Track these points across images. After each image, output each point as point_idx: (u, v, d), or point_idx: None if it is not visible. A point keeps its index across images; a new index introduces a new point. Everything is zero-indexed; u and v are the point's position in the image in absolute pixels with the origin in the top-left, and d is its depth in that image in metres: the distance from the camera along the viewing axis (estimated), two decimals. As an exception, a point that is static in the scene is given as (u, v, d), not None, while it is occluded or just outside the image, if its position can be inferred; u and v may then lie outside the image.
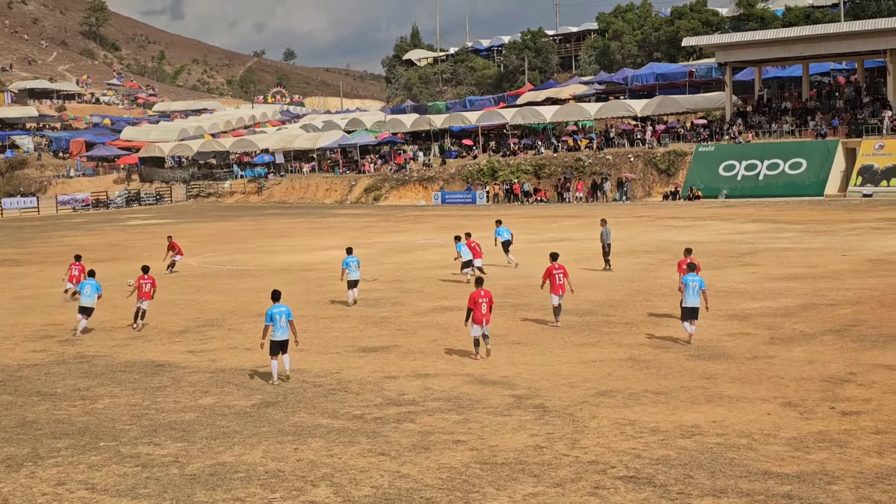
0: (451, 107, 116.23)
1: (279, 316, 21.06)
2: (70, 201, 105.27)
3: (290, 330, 21.15)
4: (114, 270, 43.38)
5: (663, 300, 29.35)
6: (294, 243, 53.62)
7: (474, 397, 18.66)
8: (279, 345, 20.99)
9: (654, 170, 78.52)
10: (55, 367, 23.34)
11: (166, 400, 19.51)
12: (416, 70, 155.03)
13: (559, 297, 26.41)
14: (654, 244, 44.33)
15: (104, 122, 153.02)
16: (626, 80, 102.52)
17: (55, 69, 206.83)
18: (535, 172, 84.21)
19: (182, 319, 29.78)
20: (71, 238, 64.93)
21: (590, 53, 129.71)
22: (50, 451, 16.13)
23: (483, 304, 22.53)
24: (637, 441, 15.36)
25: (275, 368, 21.03)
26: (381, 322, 27.91)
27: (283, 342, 21.03)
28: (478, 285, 23.45)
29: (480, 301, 22.54)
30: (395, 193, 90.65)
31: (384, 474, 14.21)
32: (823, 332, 23.71)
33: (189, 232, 65.47)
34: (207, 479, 14.36)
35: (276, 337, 20.95)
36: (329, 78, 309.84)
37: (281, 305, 21.38)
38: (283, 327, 21.06)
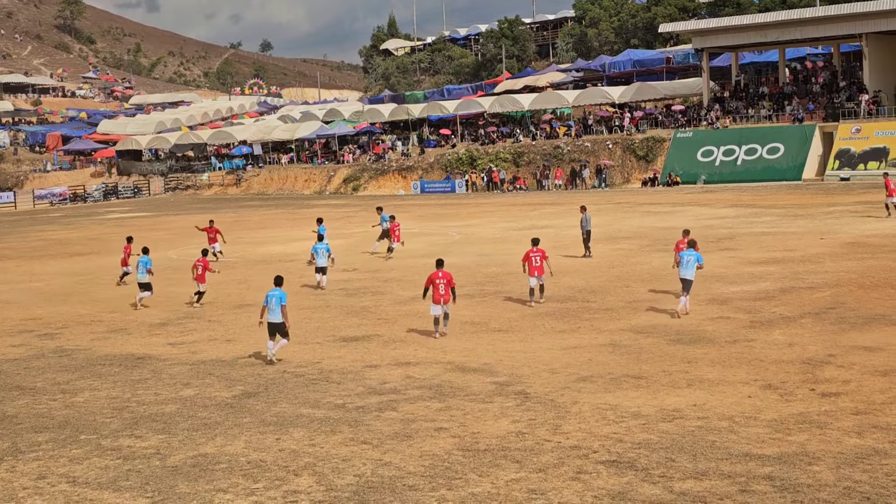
0: (429, 96, 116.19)
1: (272, 298, 21.88)
2: (47, 195, 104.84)
3: (281, 314, 21.71)
4: (93, 264, 43.28)
5: (643, 286, 29.42)
6: (273, 234, 53.54)
7: (456, 385, 18.66)
8: (272, 326, 21.82)
9: (633, 156, 78.67)
10: (34, 362, 23.25)
11: (147, 392, 19.46)
12: (394, 60, 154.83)
13: (536, 278, 27.54)
14: (633, 230, 44.41)
15: (80, 115, 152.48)
16: (604, 67, 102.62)
17: (30, 63, 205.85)
18: (514, 160, 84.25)
19: (162, 312, 29.69)
20: (49, 233, 64.63)
21: (567, 41, 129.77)
22: (30, 445, 16.06)
23: (441, 285, 23.57)
24: (619, 426, 15.40)
25: (269, 348, 21.84)
26: (361, 311, 27.89)
27: (275, 324, 21.78)
28: (438, 266, 24.17)
29: (438, 282, 23.61)
30: (374, 183, 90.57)
31: (367, 463, 14.21)
32: (802, 314, 23.80)
33: (168, 225, 65.27)
34: (189, 470, 14.32)
35: (270, 319, 21.83)
36: (306, 69, 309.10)
37: (276, 290, 22.12)
38: (274, 310, 21.76)
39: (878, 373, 17.85)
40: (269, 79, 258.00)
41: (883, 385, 17.02)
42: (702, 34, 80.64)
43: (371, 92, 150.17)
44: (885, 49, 73.88)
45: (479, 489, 12.85)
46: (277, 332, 21.87)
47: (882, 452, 13.50)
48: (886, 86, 72.96)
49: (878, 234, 37.68)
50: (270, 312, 21.87)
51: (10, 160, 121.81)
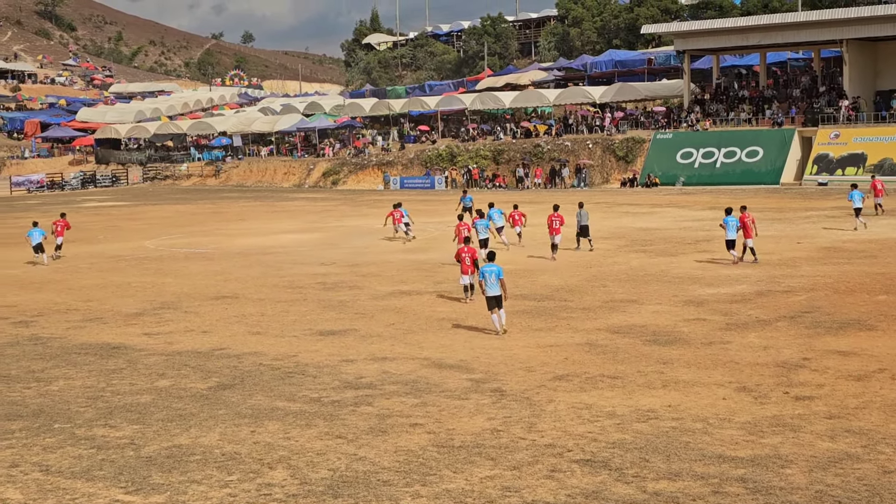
0: (410, 91, 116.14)
1: (489, 274, 23.21)
2: (24, 182, 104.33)
3: (500, 287, 23.17)
4: (69, 252, 43.06)
5: (620, 286, 29.49)
6: (252, 227, 53.44)
7: (432, 381, 18.68)
8: (492, 300, 23.19)
9: (613, 156, 78.78)
10: (9, 349, 23.16)
11: (122, 382, 19.41)
12: (376, 54, 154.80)
13: (557, 236, 35.71)
14: (611, 230, 44.50)
15: (60, 102, 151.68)
16: (586, 66, 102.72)
17: (9, 49, 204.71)
18: (494, 158, 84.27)
19: (138, 302, 29.60)
20: (25, 220, 64.28)
21: (549, 40, 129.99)
22: (4, 434, 16.00)
23: (466, 258, 27.29)
24: (593, 425, 15.44)
25: (495, 321, 23.23)
26: (339, 306, 27.87)
27: (495, 297, 23.17)
28: (465, 243, 28.32)
29: (464, 256, 27.42)
30: (354, 178, 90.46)
31: (341, 457, 14.21)
32: (778, 318, 23.90)
33: (145, 214, 65.10)
34: (163, 461, 14.30)
35: (489, 293, 23.18)
36: (288, 61, 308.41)
37: (493, 265, 23.42)
38: (494, 284, 23.14)
39: (852, 377, 17.94)
40: (250, 70, 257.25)
41: (856, 390, 17.11)
42: (684, 36, 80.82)
43: (352, 86, 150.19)
44: (865, 55, 74.25)
45: (453, 485, 12.87)
46: (497, 304, 23.12)
47: (854, 457, 13.58)
48: (866, 92, 73.32)
49: (854, 239, 37.88)
50: (490, 287, 23.09)
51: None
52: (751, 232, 33.21)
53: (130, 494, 13.01)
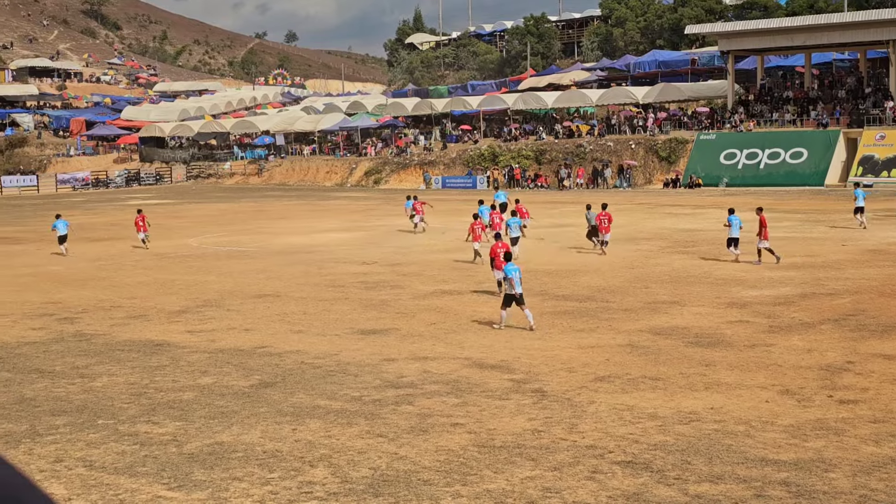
0: (452, 91, 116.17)
1: (515, 272, 23.68)
2: (70, 180, 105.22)
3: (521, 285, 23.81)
4: (114, 249, 43.46)
5: (662, 287, 29.36)
6: (294, 225, 53.61)
7: (473, 381, 18.66)
8: (513, 298, 23.62)
9: (655, 157, 78.50)
10: (54, 345, 23.35)
11: (165, 379, 19.52)
12: (419, 54, 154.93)
13: (607, 234, 36.70)
14: (654, 231, 44.33)
15: (105, 101, 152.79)
16: (629, 66, 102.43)
17: (56, 47, 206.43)
18: (536, 158, 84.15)
19: (181, 299, 29.77)
20: (70, 217, 64.82)
21: (592, 40, 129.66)
22: (48, 429, 16.14)
23: (501, 253, 26.93)
24: (635, 426, 15.38)
25: (504, 317, 23.84)
26: (380, 305, 27.90)
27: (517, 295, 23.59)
28: (496, 239, 29.30)
29: (498, 251, 27.51)
30: (396, 177, 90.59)
31: (382, 456, 14.23)
32: (822, 321, 23.72)
33: (189, 212, 65.50)
34: (205, 458, 14.37)
35: (510, 291, 23.62)
36: (331, 61, 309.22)
37: (513, 265, 24.06)
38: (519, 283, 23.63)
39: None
40: (293, 69, 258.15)
41: (901, 394, 16.96)
42: (728, 36, 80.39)
43: (395, 85, 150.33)
44: (913, 56, 73.58)
45: (493, 486, 12.86)
46: (519, 301, 23.57)
47: (899, 461, 13.46)
48: (912, 93, 72.67)
49: (900, 242, 37.54)
50: (517, 285, 23.51)
51: (34, 144, 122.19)
52: (766, 234, 33.19)
53: (173, 491, 13.08)
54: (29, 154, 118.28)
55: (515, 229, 36.83)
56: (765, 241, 33.32)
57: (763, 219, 33.47)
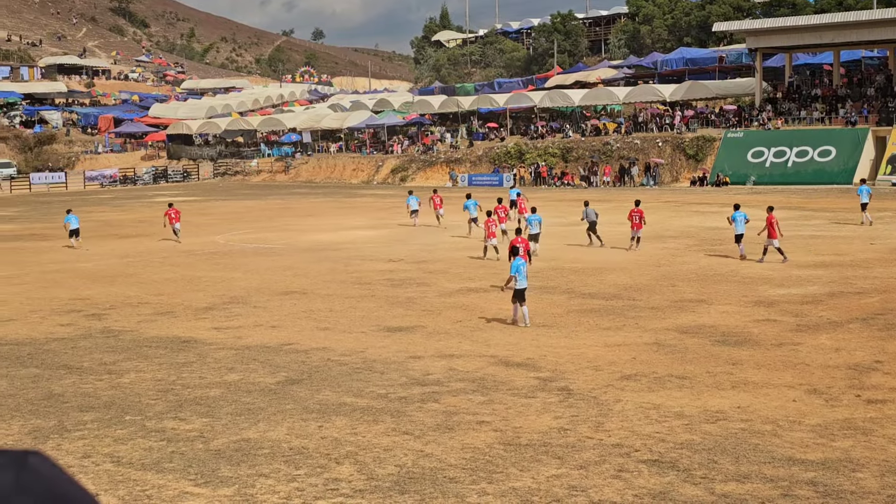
0: (479, 89, 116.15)
1: (523, 266, 24.22)
2: (98, 177, 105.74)
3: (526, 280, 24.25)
4: (141, 246, 43.68)
5: (689, 285, 29.27)
6: (320, 222, 53.71)
7: (499, 378, 18.66)
8: (522, 293, 23.90)
9: (683, 155, 78.26)
10: (82, 342, 23.47)
11: (192, 376, 19.60)
12: (445, 51, 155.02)
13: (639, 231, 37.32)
14: (681, 229, 44.21)
15: (133, 98, 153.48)
16: (656, 64, 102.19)
17: (84, 45, 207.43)
18: (563, 156, 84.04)
19: (208, 296, 29.87)
20: (98, 214, 65.22)
21: (619, 37, 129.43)
22: (76, 424, 16.23)
23: (520, 247, 27.23)
24: (661, 425, 15.34)
25: (517, 311, 24.05)
26: (406, 302, 27.92)
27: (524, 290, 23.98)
28: (517, 234, 28.81)
29: (518, 246, 27.29)
30: (422, 174, 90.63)
31: (408, 453, 14.24)
32: (850, 320, 23.59)
33: (216, 210, 65.72)
34: (232, 454, 14.42)
35: (520, 285, 23.77)
36: (357, 58, 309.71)
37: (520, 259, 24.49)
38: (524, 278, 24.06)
39: (926, 381, 17.67)
40: (320, 67, 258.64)
41: (930, 394, 16.85)
42: (756, 34, 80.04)
43: (421, 83, 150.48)
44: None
45: (519, 484, 12.86)
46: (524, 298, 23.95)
47: (928, 462, 13.38)
48: (942, 91, 72.19)
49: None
50: (522, 280, 23.85)
51: (63, 141, 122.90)
52: (775, 233, 33.13)
53: (199, 487, 13.14)
54: (57, 151, 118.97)
55: (535, 226, 36.83)
56: (773, 239, 33.28)
57: (771, 218, 33.42)
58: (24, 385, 19.13)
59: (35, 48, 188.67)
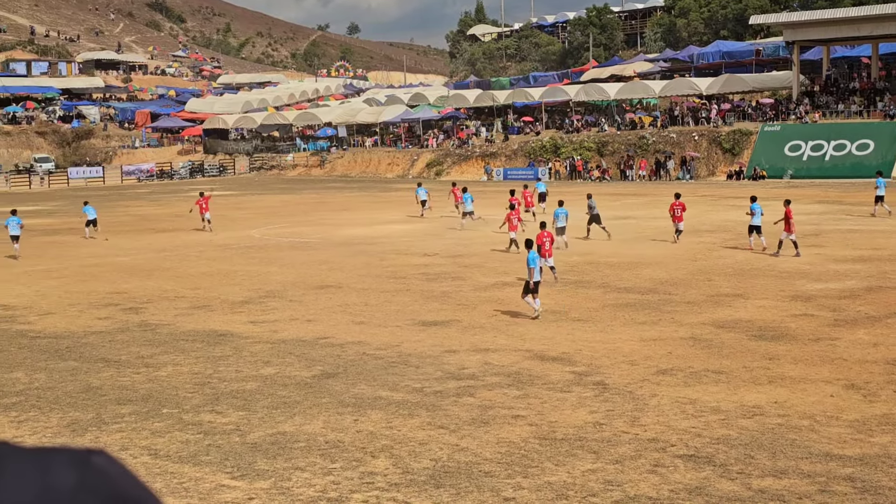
0: (514, 83, 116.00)
1: (538, 259, 24.53)
2: (135, 171, 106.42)
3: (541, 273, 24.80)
4: (178, 240, 43.90)
5: (725, 280, 29.13)
6: (356, 217, 53.78)
7: (534, 373, 18.64)
8: (537, 285, 24.27)
9: (719, 149, 77.86)
10: (119, 335, 23.62)
11: (228, 369, 19.69)
12: (480, 45, 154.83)
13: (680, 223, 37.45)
14: (717, 224, 43.99)
15: (169, 93, 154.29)
16: (692, 57, 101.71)
17: (121, 40, 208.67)
18: (598, 150, 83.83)
19: (244, 290, 29.98)
20: (135, 208, 65.64)
21: (655, 30, 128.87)
22: (114, 417, 16.34)
23: (546, 242, 28.33)
24: (697, 420, 15.29)
25: (529, 302, 24.30)
26: (441, 296, 27.93)
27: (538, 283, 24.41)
28: (542, 228, 29.18)
29: (544, 240, 28.26)
30: (458, 168, 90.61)
31: (443, 447, 14.26)
32: (888, 314, 23.41)
33: (252, 204, 65.97)
34: (268, 447, 14.48)
35: (535, 278, 24.22)
36: (393, 52, 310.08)
37: (535, 253, 24.57)
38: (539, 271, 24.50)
39: (965, 376, 17.52)
40: (355, 61, 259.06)
41: (970, 389, 16.71)
42: (793, 27, 79.49)
43: (457, 77, 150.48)
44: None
45: (554, 478, 12.85)
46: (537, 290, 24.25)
47: (967, 458, 13.27)
48: (982, 84, 71.48)
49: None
50: (538, 273, 24.26)
51: (100, 136, 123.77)
52: (792, 227, 33.04)
53: (236, 480, 13.20)
54: (95, 146, 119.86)
55: (562, 219, 36.86)
56: (789, 233, 33.26)
57: (789, 211, 33.40)
58: (62, 378, 19.28)
59: (73, 44, 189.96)
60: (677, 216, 37.51)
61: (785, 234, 33.39)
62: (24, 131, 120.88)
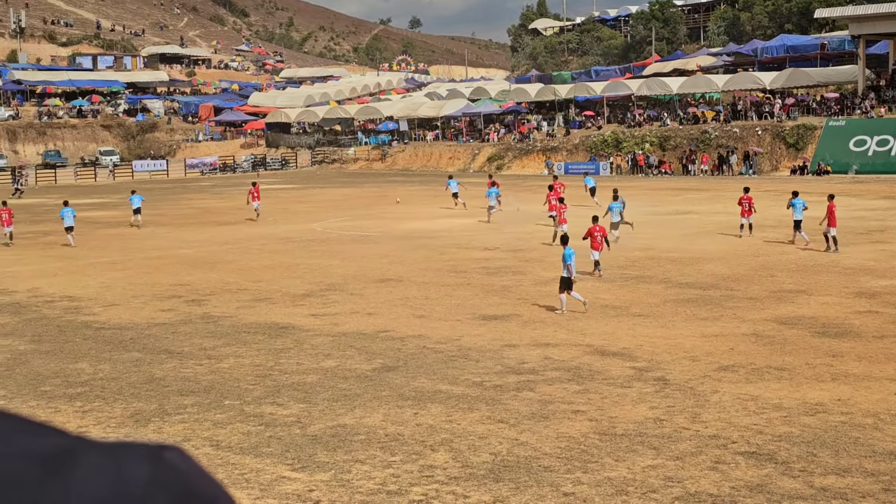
0: (576, 77, 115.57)
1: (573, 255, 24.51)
2: (198, 165, 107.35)
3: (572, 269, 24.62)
4: (240, 233, 44.23)
5: (789, 276, 28.87)
6: (416, 210, 53.88)
7: (594, 368, 18.60)
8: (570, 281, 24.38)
9: (783, 143, 77.10)
10: (182, 327, 23.86)
11: (289, 361, 19.82)
12: (542, 39, 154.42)
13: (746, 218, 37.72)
14: (780, 219, 43.49)
15: (232, 87, 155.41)
16: (756, 51, 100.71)
17: (186, 35, 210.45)
18: (660, 144, 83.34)
19: (305, 283, 30.15)
20: (199, 201, 66.20)
21: (719, 24, 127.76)
22: (176, 408, 16.52)
23: (598, 236, 29.07)
24: (759, 417, 15.17)
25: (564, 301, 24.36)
26: (502, 290, 27.92)
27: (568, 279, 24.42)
28: (594, 222, 29.71)
29: (596, 234, 29.05)
30: (518, 163, 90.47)
31: (503, 441, 14.27)
32: (955, 312, 23.10)
33: (313, 197, 66.29)
34: (328, 440, 14.56)
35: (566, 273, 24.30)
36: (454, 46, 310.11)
37: (571, 249, 24.64)
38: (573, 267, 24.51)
39: None
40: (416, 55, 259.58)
41: None
42: (859, 20, 78.48)
43: (518, 71, 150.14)
44: None
45: (614, 474, 12.82)
46: (568, 287, 24.34)
47: None
48: None
49: None
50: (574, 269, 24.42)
51: (164, 129, 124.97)
52: (834, 221, 32.77)
53: (296, 472, 13.29)
54: (159, 139, 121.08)
55: (616, 214, 36.84)
56: (832, 227, 33.05)
57: (832, 206, 33.12)
58: (126, 369, 19.52)
59: (138, 38, 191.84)
60: (745, 210, 37.54)
61: (828, 229, 33.10)
62: (89, 125, 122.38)
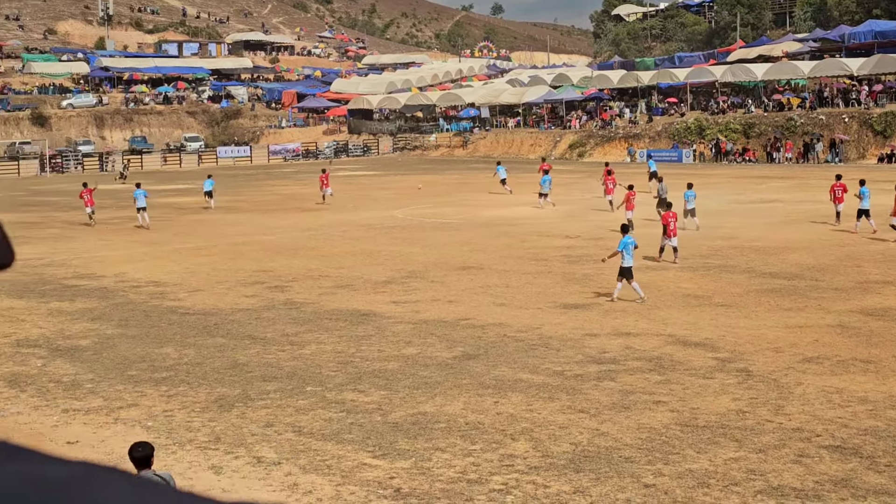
0: (659, 63, 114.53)
1: (631, 245, 24.37)
2: (281, 151, 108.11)
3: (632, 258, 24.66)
4: (322, 219, 44.52)
5: (875, 266, 28.42)
6: (497, 198, 53.80)
7: (676, 358, 18.48)
8: (628, 270, 24.32)
9: (870, 131, 75.82)
10: (265, 313, 24.09)
11: (370, 348, 19.94)
12: (625, 25, 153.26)
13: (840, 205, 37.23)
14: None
15: (315, 74, 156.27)
16: (843, 37, 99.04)
17: (269, 22, 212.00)
18: (744, 131, 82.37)
19: (387, 270, 30.29)
20: (282, 187, 66.73)
21: (805, 9, 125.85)
22: (260, 393, 16.70)
23: (672, 223, 29.57)
24: (844, 410, 14.98)
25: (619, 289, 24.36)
26: (583, 279, 27.83)
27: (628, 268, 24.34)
28: (668, 208, 30.92)
29: (670, 220, 29.62)
30: (600, 150, 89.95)
31: (583, 432, 14.24)
32: None
33: (395, 184, 66.50)
34: (409, 427, 14.64)
35: (626, 263, 24.26)
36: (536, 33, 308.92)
37: (629, 237, 24.60)
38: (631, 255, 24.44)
39: None
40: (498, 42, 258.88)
41: None
42: (951, 5, 76.90)
43: (600, 58, 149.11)
44: None
45: (696, 466, 12.74)
46: (627, 276, 24.21)
47: None
48: None
49: None
50: (629, 257, 24.25)
51: (248, 116, 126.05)
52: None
53: (377, 458, 13.39)
54: (243, 126, 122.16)
55: (692, 201, 36.79)
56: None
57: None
58: (210, 354, 19.78)
59: (222, 25, 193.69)
60: (838, 198, 37.32)
61: (893, 219, 32.70)
62: (174, 111, 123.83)
